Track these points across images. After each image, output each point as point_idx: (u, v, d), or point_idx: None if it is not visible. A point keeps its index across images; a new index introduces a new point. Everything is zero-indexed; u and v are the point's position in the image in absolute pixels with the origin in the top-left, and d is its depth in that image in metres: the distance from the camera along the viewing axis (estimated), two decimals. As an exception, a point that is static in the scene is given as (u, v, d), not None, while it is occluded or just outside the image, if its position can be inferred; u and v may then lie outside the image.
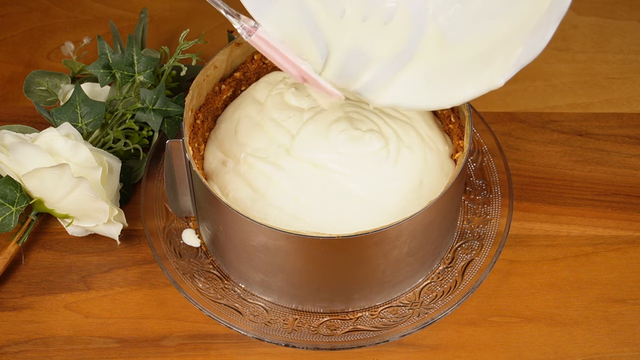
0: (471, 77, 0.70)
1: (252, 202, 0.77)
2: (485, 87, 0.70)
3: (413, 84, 0.73)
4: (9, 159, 0.81)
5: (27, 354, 0.79)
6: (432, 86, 0.73)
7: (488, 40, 0.71)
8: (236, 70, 0.85)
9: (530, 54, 0.68)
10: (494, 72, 0.69)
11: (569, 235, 0.86)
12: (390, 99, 0.73)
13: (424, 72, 0.73)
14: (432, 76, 0.73)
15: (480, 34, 0.71)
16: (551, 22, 0.66)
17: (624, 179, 0.90)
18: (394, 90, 0.74)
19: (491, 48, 0.70)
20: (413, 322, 0.78)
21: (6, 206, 0.80)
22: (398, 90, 0.74)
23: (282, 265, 0.75)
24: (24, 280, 0.83)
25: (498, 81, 0.69)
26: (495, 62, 0.69)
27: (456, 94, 0.71)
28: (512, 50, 0.68)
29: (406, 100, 0.73)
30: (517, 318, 0.81)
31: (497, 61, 0.69)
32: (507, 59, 0.68)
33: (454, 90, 0.71)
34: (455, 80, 0.71)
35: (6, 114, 0.95)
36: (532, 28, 0.68)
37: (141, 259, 0.85)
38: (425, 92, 0.73)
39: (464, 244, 0.83)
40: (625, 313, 0.81)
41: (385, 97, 0.73)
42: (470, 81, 0.70)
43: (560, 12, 0.66)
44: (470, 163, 0.88)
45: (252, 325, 0.78)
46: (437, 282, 0.81)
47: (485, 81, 0.69)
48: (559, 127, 0.94)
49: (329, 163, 0.77)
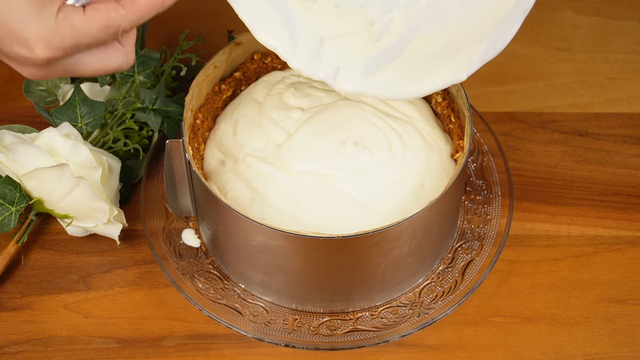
0: (434, 70, 0.69)
1: (250, 202, 0.77)
2: (447, 81, 0.69)
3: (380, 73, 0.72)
4: (9, 159, 0.81)
5: (26, 354, 0.79)
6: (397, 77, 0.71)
7: (454, 34, 0.70)
8: (236, 70, 0.85)
9: (493, 50, 0.68)
10: (458, 67, 0.69)
11: (570, 235, 0.86)
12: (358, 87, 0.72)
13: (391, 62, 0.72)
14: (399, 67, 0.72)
15: (448, 28, 0.71)
16: (515, 19, 0.66)
17: (624, 179, 0.90)
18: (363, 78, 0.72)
19: (456, 42, 0.70)
20: (413, 322, 0.77)
21: (6, 206, 0.80)
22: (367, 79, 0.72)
23: (282, 265, 0.75)
24: (24, 281, 0.83)
25: (461, 75, 0.69)
26: (459, 57, 0.69)
27: (417, 86, 0.70)
28: (476, 46, 0.68)
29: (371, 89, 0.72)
30: (518, 318, 0.81)
31: (461, 56, 0.69)
32: (471, 54, 0.68)
33: (415, 82, 0.70)
34: (419, 72, 0.71)
35: (6, 114, 0.95)
36: (497, 24, 0.67)
37: (141, 259, 0.84)
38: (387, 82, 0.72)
39: (464, 244, 0.83)
40: (625, 313, 0.81)
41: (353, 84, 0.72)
42: (433, 74, 0.69)
43: (525, 9, 0.66)
44: (470, 163, 0.88)
45: (252, 326, 0.78)
46: (437, 282, 0.81)
47: (448, 75, 0.69)
48: (560, 127, 0.94)
49: (328, 170, 0.77)
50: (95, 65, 0.64)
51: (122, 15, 0.61)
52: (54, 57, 0.60)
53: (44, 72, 0.63)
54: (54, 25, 0.59)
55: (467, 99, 0.77)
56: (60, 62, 0.62)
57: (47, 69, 0.62)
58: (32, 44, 0.59)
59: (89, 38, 0.61)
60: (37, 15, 0.59)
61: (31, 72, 0.63)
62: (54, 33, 0.59)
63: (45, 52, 0.60)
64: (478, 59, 0.68)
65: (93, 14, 0.61)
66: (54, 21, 0.59)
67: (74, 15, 0.60)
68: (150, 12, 0.63)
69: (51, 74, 0.63)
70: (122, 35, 0.63)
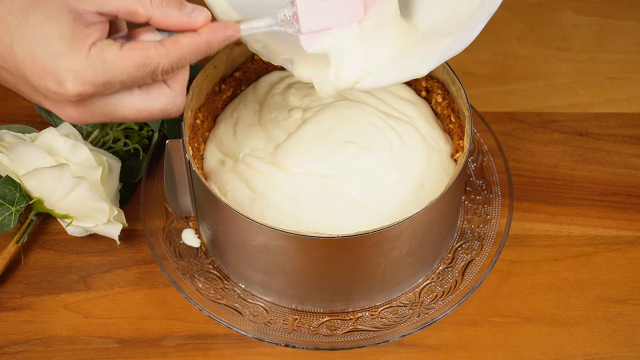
0: (396, 63, 0.70)
1: (250, 202, 0.77)
2: (408, 75, 0.69)
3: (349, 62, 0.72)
4: (9, 159, 0.81)
5: (26, 354, 0.79)
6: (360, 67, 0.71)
7: (420, 30, 0.70)
8: (236, 70, 0.85)
9: (456, 47, 0.67)
10: (419, 61, 0.69)
11: (570, 235, 0.86)
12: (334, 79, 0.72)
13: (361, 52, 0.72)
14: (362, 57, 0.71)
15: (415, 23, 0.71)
16: (481, 18, 0.66)
17: (624, 179, 0.90)
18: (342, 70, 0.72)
19: (420, 37, 0.70)
20: (413, 322, 0.78)
21: (6, 206, 0.80)
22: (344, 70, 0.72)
23: (282, 265, 0.75)
24: (24, 281, 0.83)
25: (421, 70, 0.69)
26: (421, 51, 0.69)
27: (379, 77, 0.70)
28: (439, 42, 0.68)
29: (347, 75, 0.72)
30: (518, 318, 0.81)
31: (423, 50, 0.69)
32: (434, 50, 0.68)
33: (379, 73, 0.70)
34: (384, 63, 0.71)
35: (6, 114, 0.95)
36: (462, 22, 0.67)
37: (141, 259, 0.84)
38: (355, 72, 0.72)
39: (464, 244, 0.83)
40: (625, 313, 0.81)
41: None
42: (394, 67, 0.69)
43: (491, 9, 0.66)
44: (470, 163, 0.88)
45: (252, 326, 0.78)
46: (437, 282, 0.81)
47: (408, 69, 0.69)
48: (560, 127, 0.94)
49: (328, 170, 0.77)
50: (137, 106, 0.61)
51: (161, 54, 0.59)
52: (84, 92, 0.58)
53: (82, 113, 0.60)
54: (85, 60, 0.57)
55: (467, 99, 0.77)
56: (96, 102, 0.60)
57: (83, 108, 0.60)
58: (62, 78, 0.57)
59: (123, 75, 0.58)
60: (68, 49, 0.57)
61: (68, 112, 0.60)
62: (84, 67, 0.57)
63: (75, 86, 0.58)
64: (440, 55, 0.68)
65: (129, 50, 0.58)
66: (86, 55, 0.57)
67: (109, 51, 0.58)
68: (194, 54, 0.60)
69: (89, 115, 0.60)
70: (163, 76, 0.60)
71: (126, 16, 0.59)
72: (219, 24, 0.61)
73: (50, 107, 0.61)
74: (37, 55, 0.57)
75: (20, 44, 0.58)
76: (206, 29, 0.61)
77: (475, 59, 1.00)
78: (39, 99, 0.61)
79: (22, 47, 0.58)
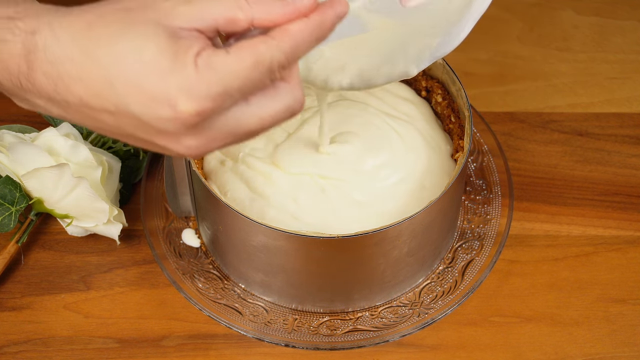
0: (387, 63, 0.70)
1: (250, 202, 0.77)
2: (397, 75, 0.69)
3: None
4: (9, 159, 0.81)
5: (26, 354, 0.79)
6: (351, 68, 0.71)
7: (411, 30, 0.70)
8: (236, 70, 0.85)
9: (446, 48, 0.67)
10: (408, 61, 0.69)
11: (569, 235, 0.86)
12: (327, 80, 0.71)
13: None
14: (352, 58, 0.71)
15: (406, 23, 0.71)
16: (470, 19, 0.66)
17: (624, 179, 0.90)
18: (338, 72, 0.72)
19: (410, 37, 0.70)
20: (413, 322, 0.78)
21: (6, 206, 0.80)
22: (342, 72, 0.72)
23: (282, 265, 0.75)
24: (24, 281, 0.83)
25: (411, 70, 0.69)
26: (411, 52, 0.69)
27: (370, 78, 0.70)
28: (429, 42, 0.68)
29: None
30: (517, 318, 0.81)
31: (413, 51, 0.69)
32: (423, 50, 0.68)
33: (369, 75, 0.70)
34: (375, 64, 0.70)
35: (6, 114, 0.95)
36: (452, 22, 0.67)
37: (141, 259, 0.84)
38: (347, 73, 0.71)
39: (464, 244, 0.83)
40: (625, 313, 0.81)
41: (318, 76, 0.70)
42: (385, 67, 0.69)
43: (481, 10, 0.66)
44: (470, 163, 0.88)
45: (252, 326, 0.78)
46: (437, 282, 0.81)
47: (398, 69, 0.69)
48: (560, 127, 0.94)
49: (327, 170, 0.77)
50: (260, 114, 0.53)
51: (272, 46, 0.52)
52: (202, 109, 0.51)
53: (203, 140, 0.53)
54: (194, 72, 0.50)
55: (467, 99, 0.77)
56: (214, 122, 0.52)
57: (203, 134, 0.52)
58: (173, 99, 0.50)
59: (239, 80, 0.51)
60: (173, 66, 0.50)
61: (188, 143, 0.53)
62: (195, 80, 0.50)
63: (190, 104, 0.50)
64: (430, 55, 0.68)
65: (238, 51, 0.51)
66: (193, 68, 0.50)
67: (216, 58, 0.51)
68: (307, 42, 0.53)
69: (211, 141, 0.53)
70: (281, 72, 0.53)
71: (226, 26, 0.52)
72: (326, 3, 0.54)
73: (166, 143, 0.53)
74: (142, 83, 0.50)
75: (119, 77, 0.51)
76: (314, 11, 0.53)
77: (475, 59, 1.00)
78: (150, 137, 0.53)
79: (122, 80, 0.51)
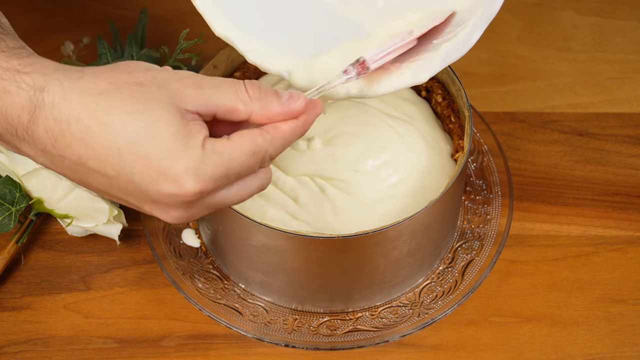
0: (397, 70, 0.69)
1: (250, 202, 0.77)
2: (408, 82, 0.69)
3: None
4: (9, 159, 0.81)
5: (26, 354, 0.79)
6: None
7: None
8: (236, 70, 0.85)
9: (456, 54, 0.67)
10: (419, 68, 0.69)
11: (569, 235, 0.86)
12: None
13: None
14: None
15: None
16: (479, 24, 0.66)
17: (624, 179, 0.90)
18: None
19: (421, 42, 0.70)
20: (413, 322, 0.77)
21: (6, 206, 0.80)
22: None
23: (282, 265, 0.75)
24: (24, 281, 0.83)
25: (422, 76, 0.69)
26: (422, 58, 0.69)
27: (379, 85, 0.70)
28: (439, 48, 0.68)
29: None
30: (517, 318, 0.81)
31: (424, 56, 0.69)
32: (434, 56, 0.68)
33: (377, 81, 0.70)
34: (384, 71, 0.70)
35: (6, 114, 0.94)
36: (462, 28, 0.67)
37: (141, 259, 0.84)
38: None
39: (464, 244, 0.83)
40: (625, 313, 0.81)
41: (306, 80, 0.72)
42: (395, 73, 0.69)
43: (490, 15, 0.66)
44: (470, 163, 0.88)
45: (252, 326, 0.78)
46: (437, 282, 0.81)
47: (409, 75, 0.69)
48: (560, 127, 0.94)
49: (327, 171, 0.77)
50: (241, 193, 0.59)
51: (268, 141, 0.58)
52: (205, 189, 0.56)
53: (191, 212, 0.58)
54: (202, 156, 0.55)
55: (467, 99, 0.77)
56: (208, 198, 0.58)
57: (194, 207, 0.57)
58: (182, 179, 0.55)
59: (238, 166, 0.57)
60: (184, 148, 0.55)
61: (176, 215, 0.58)
62: (203, 163, 0.55)
63: (197, 185, 0.55)
64: (440, 61, 0.68)
65: (239, 139, 0.57)
66: (202, 152, 0.55)
67: (220, 144, 0.56)
68: (293, 138, 0.59)
69: (195, 213, 0.58)
70: (269, 162, 0.59)
71: (226, 115, 0.58)
72: (309, 105, 0.60)
73: (154, 211, 0.58)
74: (152, 158, 0.55)
75: (130, 149, 0.55)
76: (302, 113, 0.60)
77: (475, 59, 1.00)
78: (141, 204, 0.58)
79: (132, 152, 0.55)
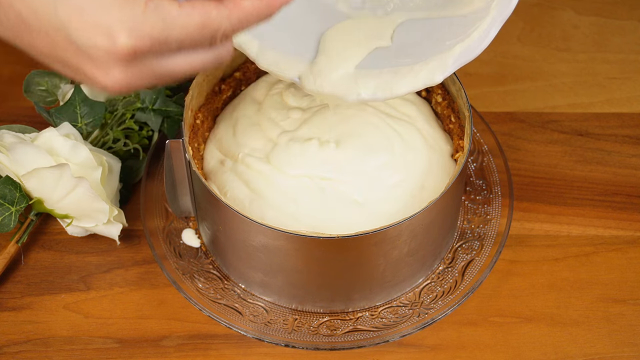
0: (410, 72, 0.70)
1: (250, 202, 0.77)
2: (422, 83, 0.69)
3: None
4: (9, 159, 0.81)
5: (26, 354, 0.79)
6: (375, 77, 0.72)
7: (434, 37, 0.70)
8: (236, 70, 0.85)
9: (470, 54, 0.68)
10: (433, 69, 0.69)
11: (569, 235, 0.86)
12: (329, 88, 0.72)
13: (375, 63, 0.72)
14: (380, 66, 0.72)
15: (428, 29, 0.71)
16: (493, 25, 0.66)
17: (624, 179, 0.90)
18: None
19: (434, 44, 0.70)
20: (413, 322, 0.78)
21: (6, 206, 0.80)
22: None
23: (282, 265, 0.75)
24: (24, 281, 0.83)
25: (436, 77, 0.69)
26: (435, 59, 0.69)
27: (392, 88, 0.70)
28: (452, 49, 0.68)
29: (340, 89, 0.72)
30: (517, 318, 0.81)
31: (437, 58, 0.69)
32: (448, 57, 0.68)
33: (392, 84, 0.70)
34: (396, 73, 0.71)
35: (6, 114, 0.95)
36: (475, 28, 0.68)
37: (141, 259, 0.84)
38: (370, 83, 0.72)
39: (464, 244, 0.83)
40: (625, 313, 0.81)
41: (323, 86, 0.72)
42: (409, 75, 0.69)
43: (504, 16, 0.66)
44: (470, 163, 0.88)
45: (252, 326, 0.78)
46: (437, 282, 0.81)
47: (422, 77, 0.69)
48: (560, 127, 0.94)
49: (327, 171, 0.77)
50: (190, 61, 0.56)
51: (223, 16, 0.54)
52: (140, 46, 0.52)
53: (130, 74, 0.54)
54: (142, 14, 0.52)
55: (467, 99, 0.77)
56: (146, 60, 0.54)
57: (133, 68, 0.54)
58: (114, 31, 0.52)
59: (182, 34, 0.53)
60: (123, 3, 0.52)
61: (115, 74, 0.54)
62: (141, 20, 0.52)
63: (130, 40, 0.52)
64: (454, 62, 0.68)
65: (190, 9, 0.53)
66: (142, 10, 0.52)
67: (167, 8, 0.53)
68: (254, 17, 0.55)
69: (137, 77, 0.55)
70: (222, 40, 0.55)
71: None
72: None
73: (94, 72, 0.54)
74: (86, 10, 0.52)
75: (65, 2, 0.52)
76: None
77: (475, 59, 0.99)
78: (81, 64, 0.54)
79: (67, 6, 0.52)
